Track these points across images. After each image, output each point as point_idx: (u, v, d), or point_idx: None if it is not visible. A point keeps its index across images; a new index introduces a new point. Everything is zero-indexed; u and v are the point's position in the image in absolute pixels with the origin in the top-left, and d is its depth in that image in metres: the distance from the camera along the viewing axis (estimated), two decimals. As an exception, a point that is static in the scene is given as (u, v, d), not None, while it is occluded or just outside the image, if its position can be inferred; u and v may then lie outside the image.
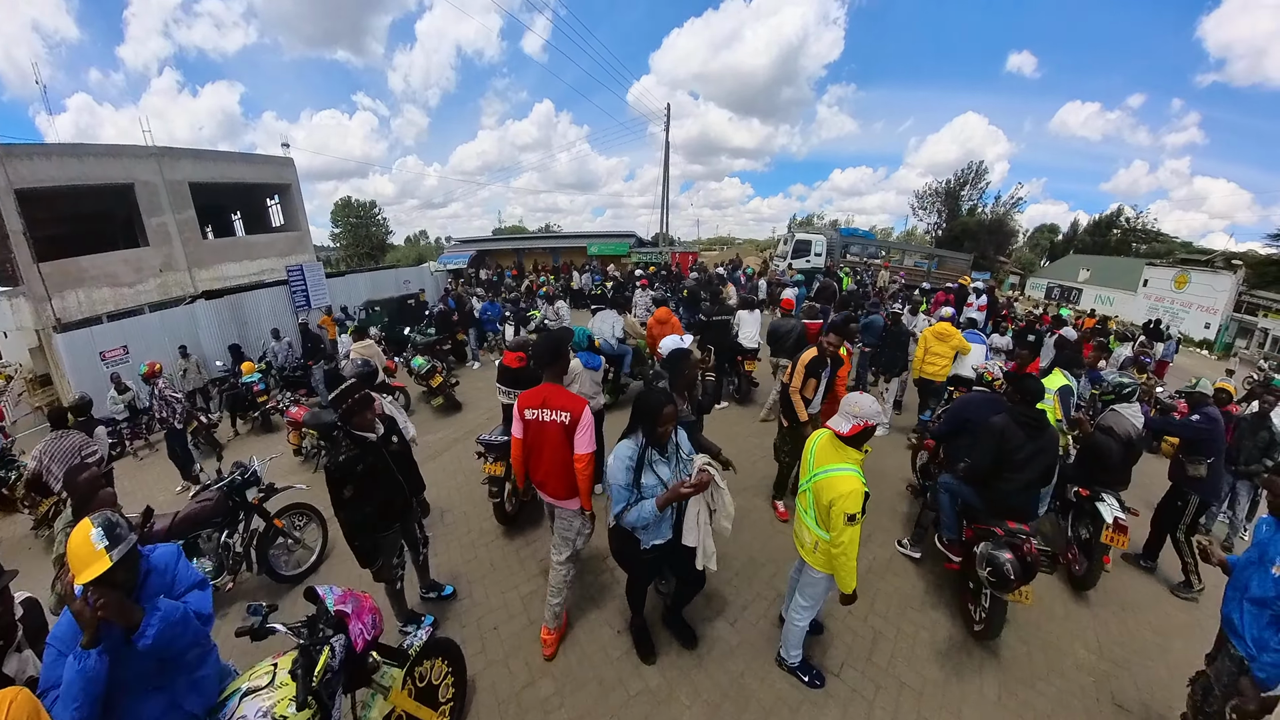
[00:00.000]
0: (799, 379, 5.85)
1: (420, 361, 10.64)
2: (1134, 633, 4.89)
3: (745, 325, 10.45)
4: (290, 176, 24.17)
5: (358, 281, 19.20)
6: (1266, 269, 32.41)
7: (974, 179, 49.37)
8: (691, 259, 27.94)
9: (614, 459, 3.59)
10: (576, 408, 3.99)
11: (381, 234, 59.91)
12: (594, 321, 9.61)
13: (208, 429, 10.37)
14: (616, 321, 9.61)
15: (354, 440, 3.94)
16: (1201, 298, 28.90)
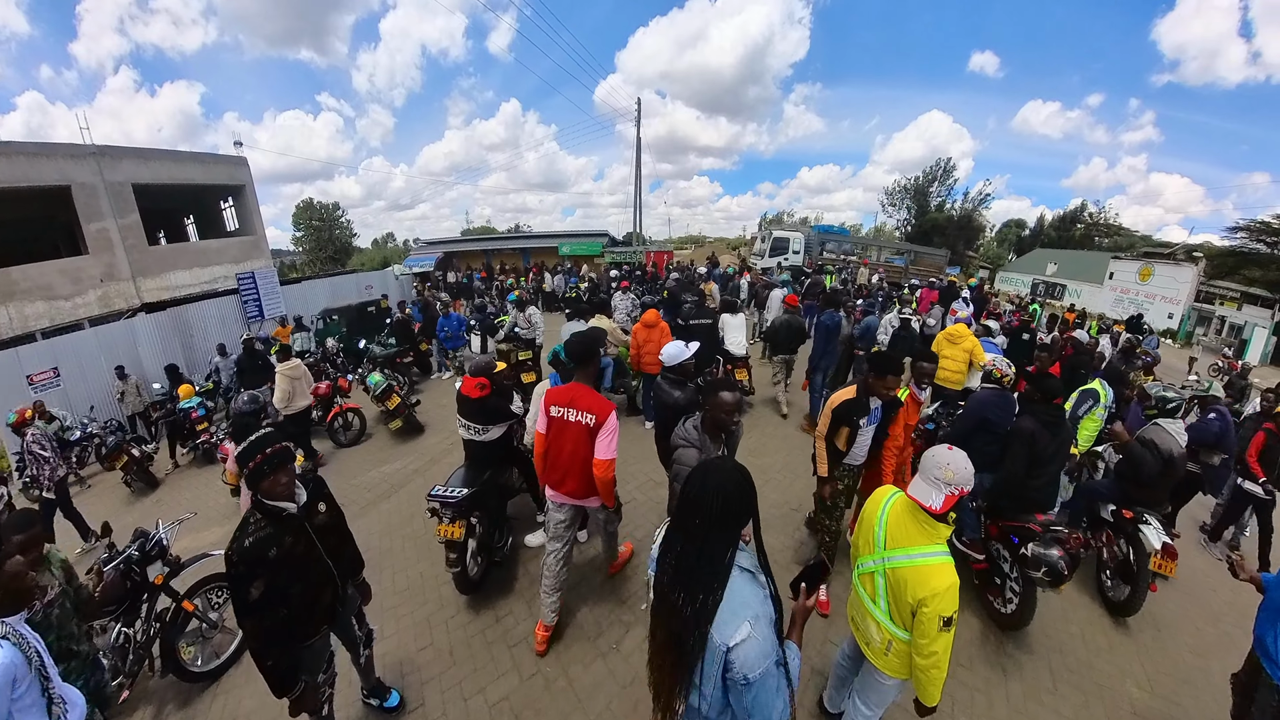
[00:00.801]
0: (824, 423, 4.69)
1: (377, 378, 9.52)
2: (1175, 658, 4.60)
3: (731, 330, 9.69)
4: (244, 177, 22.67)
5: (316, 288, 17.86)
6: (1224, 260, 33.36)
7: (942, 175, 49.80)
8: (667, 258, 26.99)
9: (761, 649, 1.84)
10: (603, 411, 3.89)
11: (346, 237, 57.79)
12: (565, 334, 8.60)
13: (140, 463, 9.14)
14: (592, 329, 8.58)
15: (266, 514, 2.91)
16: (1165, 289, 29.59)
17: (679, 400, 4.52)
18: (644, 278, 21.33)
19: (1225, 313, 28.22)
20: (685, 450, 3.56)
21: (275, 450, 2.87)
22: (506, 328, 11.07)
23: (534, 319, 10.91)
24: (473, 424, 5.16)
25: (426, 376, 13.39)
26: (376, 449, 8.98)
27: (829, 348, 8.86)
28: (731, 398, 3.52)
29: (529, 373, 9.82)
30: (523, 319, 10.94)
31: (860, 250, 30.00)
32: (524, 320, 10.92)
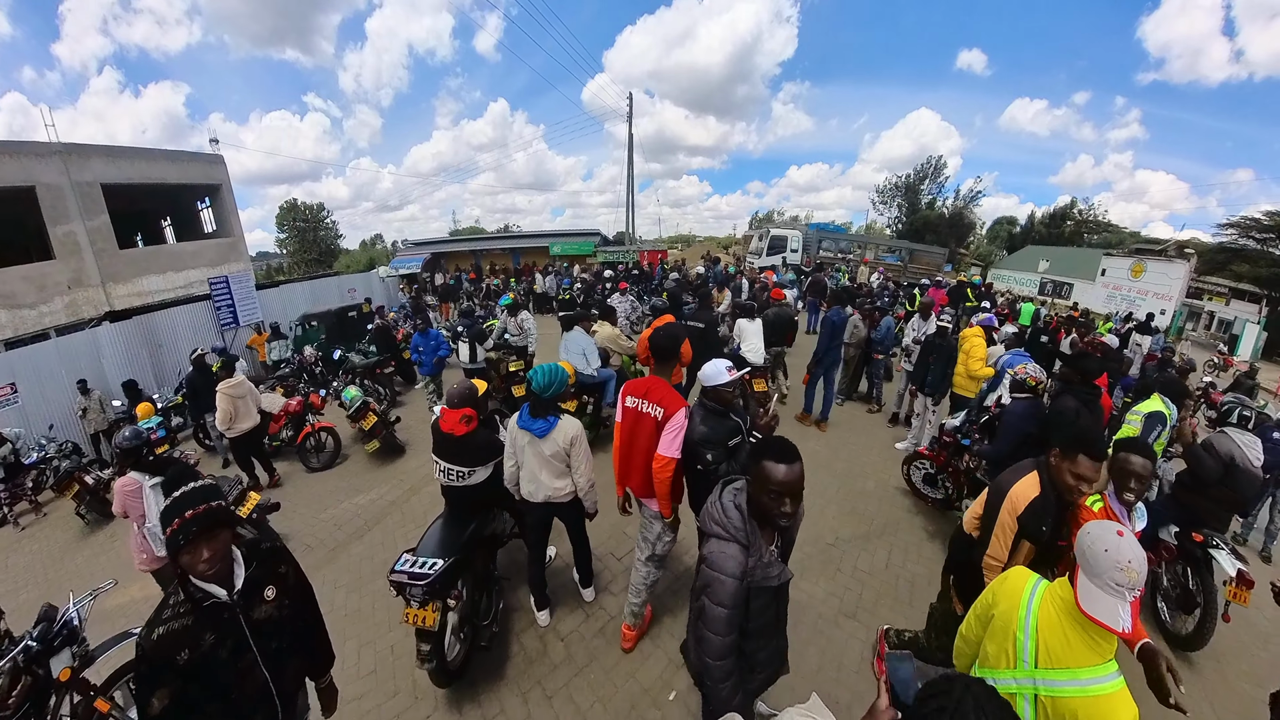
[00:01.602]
0: (1006, 539, 3.02)
1: (352, 393, 8.57)
2: (1238, 690, 4.13)
3: (748, 337, 8.61)
4: (220, 176, 21.44)
5: (295, 292, 16.80)
6: (1214, 256, 33.68)
7: (933, 173, 49.04)
8: (660, 257, 26.09)
9: None
10: (672, 406, 3.74)
11: (331, 238, 56.09)
12: (563, 349, 7.75)
13: (94, 491, 8.16)
14: (588, 345, 7.72)
15: (189, 597, 2.07)
16: (1157, 285, 28.99)
17: (712, 437, 3.54)
18: (641, 277, 20.41)
19: (1214, 308, 28.71)
20: (721, 547, 2.30)
21: (197, 514, 1.99)
22: (495, 333, 10.14)
23: (526, 324, 9.98)
24: (455, 467, 4.17)
25: (411, 385, 12.44)
26: (351, 474, 8.04)
27: (833, 344, 8.55)
28: (787, 474, 2.20)
29: (521, 384, 8.91)
30: (514, 324, 10.00)
31: (858, 248, 29.24)
32: (515, 326, 9.99)
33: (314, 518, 6.74)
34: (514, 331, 10.00)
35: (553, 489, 4.02)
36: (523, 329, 9.94)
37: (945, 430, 6.23)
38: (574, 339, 7.72)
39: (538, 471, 4.02)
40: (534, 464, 4.02)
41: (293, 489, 7.78)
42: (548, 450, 3.94)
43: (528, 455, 4.02)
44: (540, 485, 4.03)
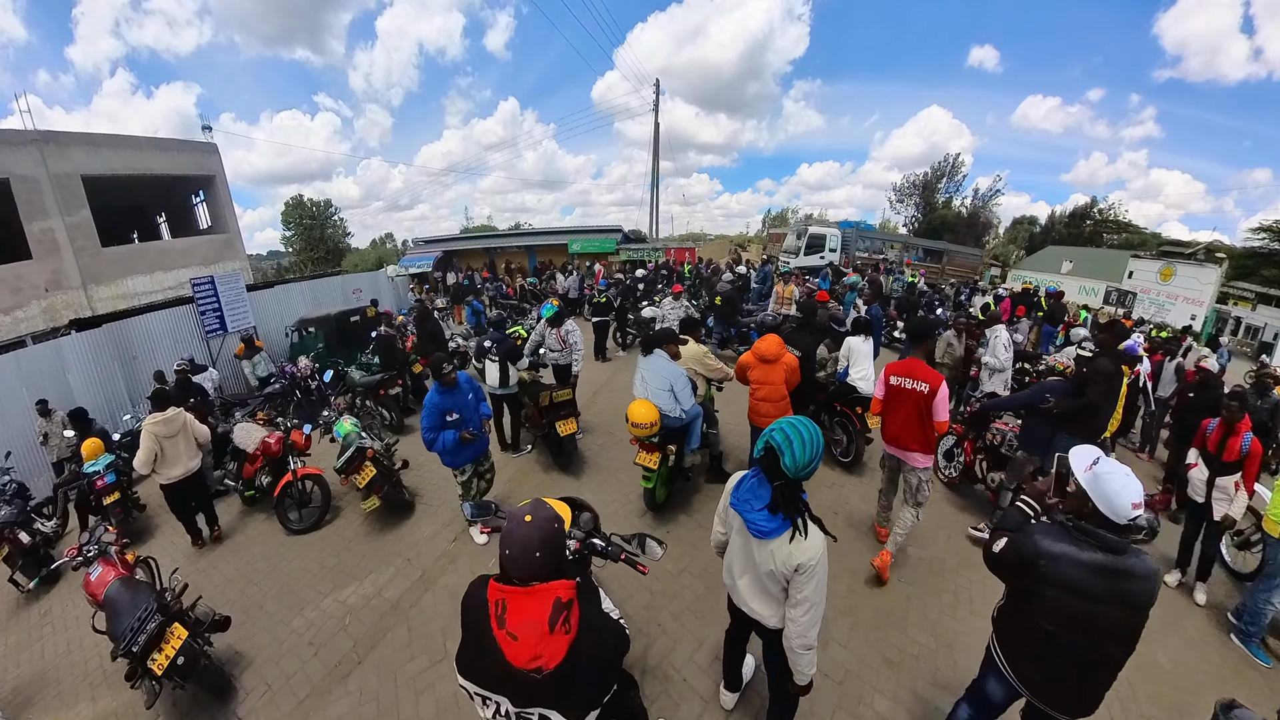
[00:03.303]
0: None
1: (346, 428, 6.46)
2: None
3: (859, 360, 6.86)
4: (214, 166, 19.32)
5: (291, 294, 14.59)
6: (1244, 261, 32.82)
7: (950, 171, 47.05)
8: (688, 255, 23.88)
9: None
10: (936, 381, 4.52)
11: (339, 235, 53.05)
12: (642, 383, 5.74)
13: (29, 552, 6.13)
14: (678, 378, 5.58)
15: None
16: (1187, 290, 27.78)
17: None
18: (669, 276, 18.25)
19: (1240, 313, 28.29)
20: None
21: None
22: (529, 347, 8.09)
23: (572, 337, 7.90)
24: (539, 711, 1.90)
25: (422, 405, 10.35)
26: (342, 543, 5.88)
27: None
28: None
29: (568, 420, 6.85)
30: (555, 336, 7.93)
31: (892, 248, 27.17)
32: (557, 338, 7.92)
33: (284, 624, 4.64)
34: (554, 345, 7.93)
35: (753, 608, 2.88)
36: (567, 342, 7.87)
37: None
38: (659, 369, 5.63)
39: (739, 572, 2.92)
40: (740, 558, 2.91)
41: (265, 563, 5.66)
42: (761, 560, 2.70)
43: (736, 541, 2.95)
44: (739, 588, 2.94)
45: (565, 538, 2.06)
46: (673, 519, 5.96)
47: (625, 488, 6.67)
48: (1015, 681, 2.67)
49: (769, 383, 5.53)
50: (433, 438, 5.06)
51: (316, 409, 9.64)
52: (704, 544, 5.23)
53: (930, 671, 3.95)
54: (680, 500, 6.17)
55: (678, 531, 5.71)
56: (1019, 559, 2.53)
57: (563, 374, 8.16)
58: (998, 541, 2.68)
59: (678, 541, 5.46)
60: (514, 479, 7.08)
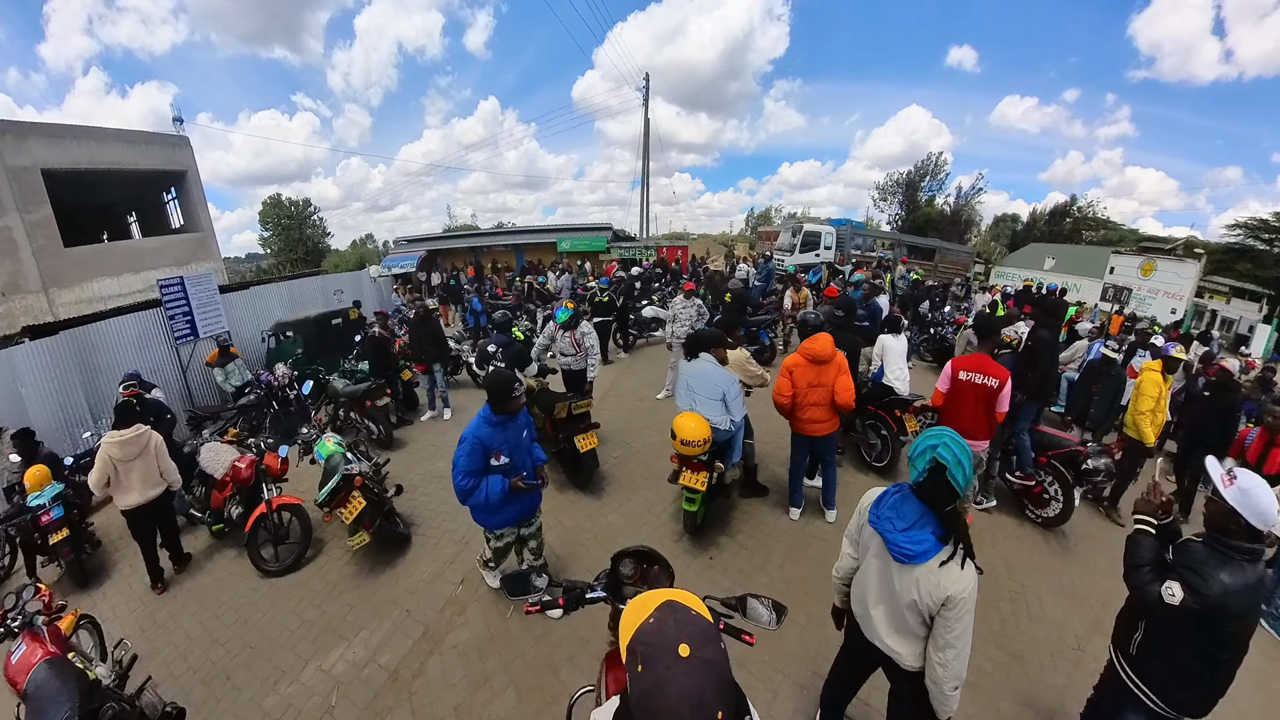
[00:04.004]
0: None
1: (329, 448, 5.54)
2: None
3: (893, 359, 6.66)
4: (186, 161, 18.03)
5: (268, 296, 13.51)
6: (1221, 256, 33.38)
7: (933, 170, 46.97)
8: (681, 253, 23.01)
9: None
10: (1004, 376, 4.79)
11: (318, 235, 51.11)
12: (687, 392, 5.05)
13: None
14: (730, 386, 4.94)
15: None
16: (1168, 284, 28.12)
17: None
18: (672, 276, 17.39)
19: (1216, 306, 28.70)
20: None
21: None
22: (536, 349, 7.25)
23: (587, 340, 7.11)
24: None
25: (414, 414, 9.39)
26: (325, 590, 4.93)
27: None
28: None
29: (588, 434, 6.02)
30: (570, 340, 7.12)
31: (883, 245, 26.68)
32: (572, 342, 7.10)
33: (254, 705, 3.70)
34: (568, 350, 7.13)
35: (889, 644, 2.50)
36: (582, 346, 7.07)
37: None
38: (708, 376, 4.96)
39: (874, 601, 2.53)
40: (876, 586, 2.51)
41: (234, 614, 4.72)
42: (902, 590, 2.36)
43: (872, 566, 2.54)
44: (873, 619, 2.54)
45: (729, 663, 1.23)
46: (713, 542, 5.26)
47: (654, 507, 5.93)
48: (1165, 709, 2.59)
49: (822, 385, 4.95)
50: (471, 486, 3.68)
51: (295, 422, 8.67)
52: (754, 570, 4.85)
53: (1009, 689, 3.72)
54: (716, 520, 5.42)
55: (721, 557, 5.09)
56: (1207, 606, 2.35)
57: (575, 381, 7.35)
58: (1168, 593, 2.45)
59: (724, 569, 4.86)
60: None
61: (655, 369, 11.19)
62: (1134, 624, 2.72)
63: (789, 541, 5.29)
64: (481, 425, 3.74)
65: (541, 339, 7.48)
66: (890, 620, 2.48)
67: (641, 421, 8.52)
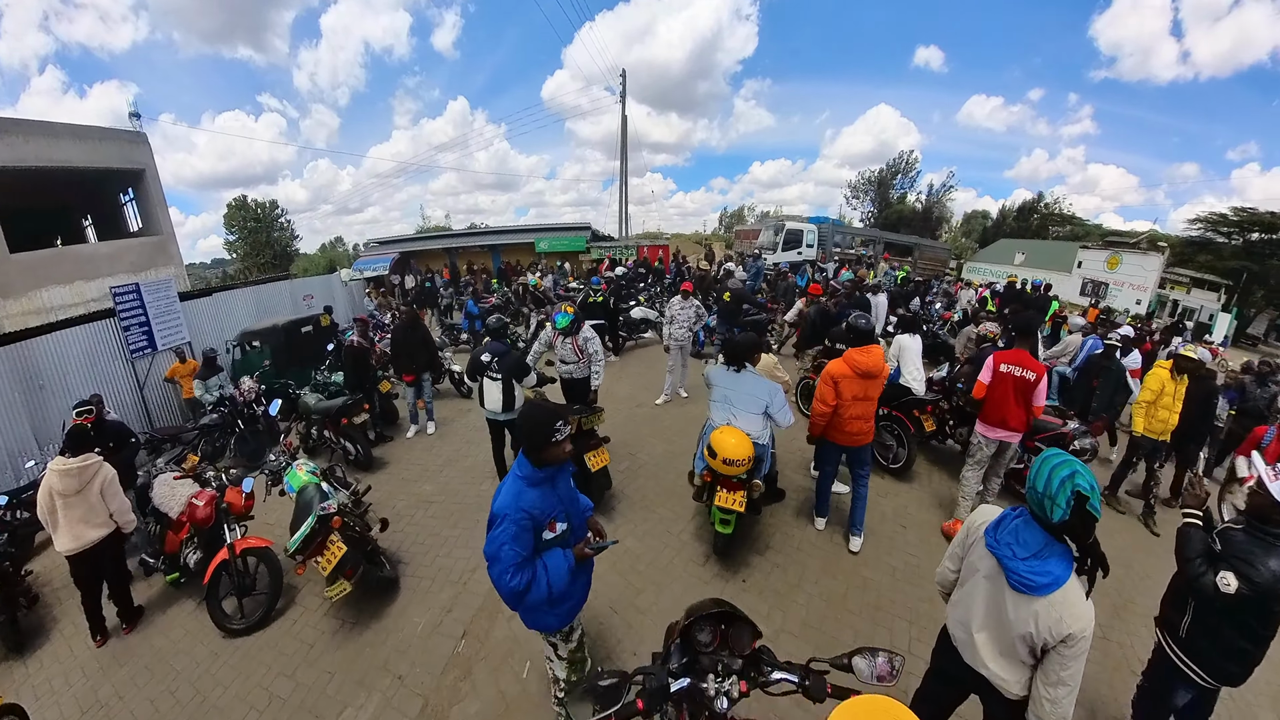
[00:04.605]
0: None
1: (301, 479, 4.77)
2: None
3: (910, 359, 6.61)
4: (143, 159, 16.71)
5: (233, 303, 12.52)
6: (1183, 249, 34.64)
7: (904, 168, 47.36)
8: (662, 252, 22.35)
9: None
10: (1041, 370, 4.87)
11: (286, 239, 48.89)
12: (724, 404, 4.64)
13: None
14: (775, 396, 4.60)
15: None
16: (1133, 277, 29.19)
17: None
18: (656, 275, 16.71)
19: (1177, 296, 29.40)
20: None
21: None
22: (532, 355, 6.55)
23: (591, 347, 6.41)
24: None
25: (394, 429, 8.57)
26: (298, 652, 4.13)
27: None
28: None
29: (599, 451, 5.38)
30: (572, 347, 6.45)
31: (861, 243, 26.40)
32: (574, 348, 6.44)
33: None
34: (569, 357, 6.48)
35: (992, 670, 2.33)
36: (585, 352, 6.38)
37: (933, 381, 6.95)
38: (750, 386, 4.64)
39: (979, 625, 2.36)
40: (983, 611, 2.35)
41: (189, 690, 3.88)
42: (1017, 620, 2.20)
43: (982, 589, 2.36)
44: (975, 643, 2.38)
45: None
46: (743, 562, 4.81)
47: (672, 525, 5.41)
48: (1211, 682, 2.77)
49: (868, 399, 4.69)
50: (527, 581, 2.51)
51: (264, 441, 7.81)
52: (790, 590, 4.49)
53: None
54: (740, 535, 4.83)
55: (754, 578, 4.65)
56: (1259, 591, 2.53)
57: (575, 391, 6.68)
58: (1223, 583, 2.60)
59: (759, 591, 4.48)
60: None
61: (650, 372, 10.54)
62: (1182, 609, 2.85)
63: (820, 555, 4.96)
64: (523, 491, 2.58)
65: (536, 345, 6.77)
66: (996, 646, 2.35)
67: (644, 430, 7.88)
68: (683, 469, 6.46)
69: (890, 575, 4.72)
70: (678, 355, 8.96)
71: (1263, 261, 32.75)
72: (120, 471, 4.97)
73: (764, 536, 5.18)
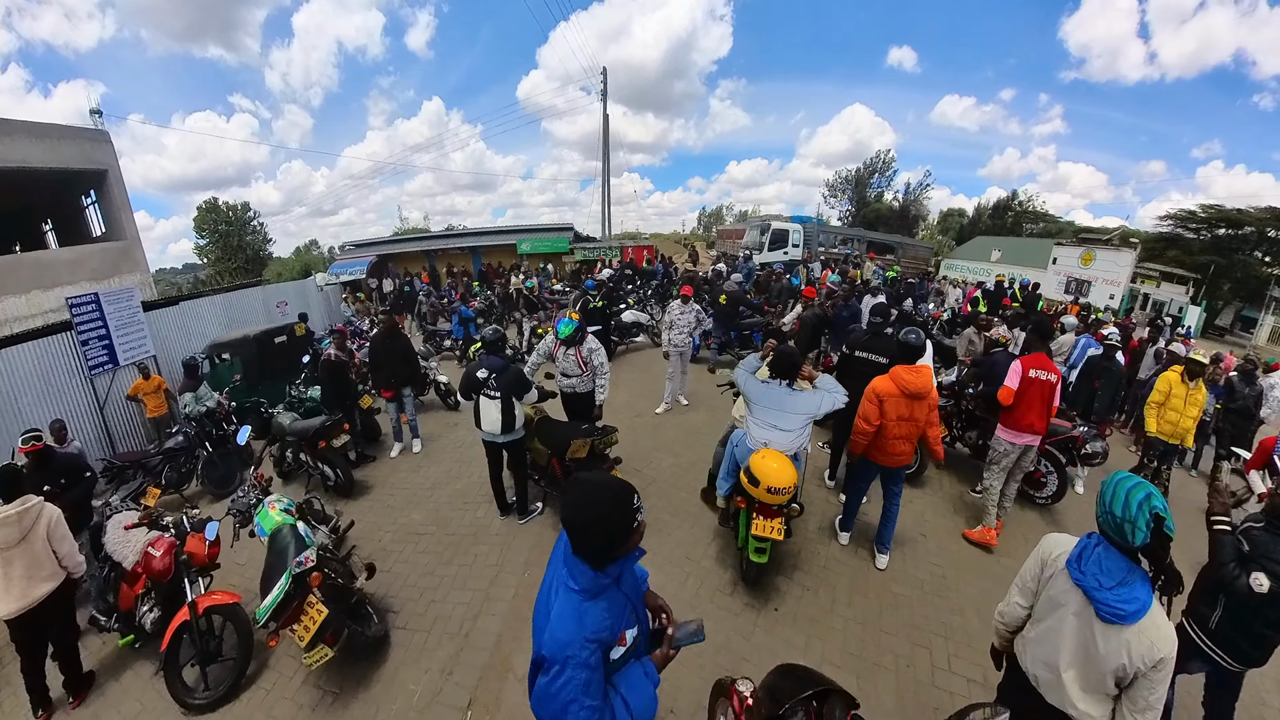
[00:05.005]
0: None
1: (274, 520, 4.12)
2: None
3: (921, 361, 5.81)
4: (106, 159, 15.64)
5: (201, 312, 11.72)
6: (1153, 245, 35.85)
7: (881, 167, 47.65)
8: (647, 253, 21.79)
9: None
10: (1058, 373, 5.02)
11: (259, 242, 46.85)
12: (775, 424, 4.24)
13: None
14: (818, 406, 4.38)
15: None
16: (1106, 272, 29.51)
17: None
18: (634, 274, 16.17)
19: (1148, 290, 30.11)
20: None
21: None
22: (529, 367, 5.96)
23: (595, 358, 5.86)
24: None
25: (376, 447, 7.92)
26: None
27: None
28: None
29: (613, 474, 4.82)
30: (576, 358, 5.87)
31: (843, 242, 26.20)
32: (578, 360, 5.86)
33: None
34: (572, 369, 5.91)
35: (1081, 709, 2.20)
36: (589, 364, 5.84)
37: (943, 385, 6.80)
38: (796, 402, 4.37)
39: (1067, 664, 2.24)
40: (1071, 647, 2.23)
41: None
42: (1109, 652, 2.11)
43: (1069, 625, 2.23)
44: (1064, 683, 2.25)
45: None
46: (772, 587, 4.53)
47: (692, 551, 5.01)
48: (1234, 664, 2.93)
49: (913, 420, 4.39)
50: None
51: (234, 465, 7.13)
52: (824, 615, 4.28)
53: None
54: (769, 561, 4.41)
55: (785, 604, 4.39)
56: None
57: (578, 405, 6.14)
58: (1257, 584, 2.71)
59: (793, 620, 4.24)
60: (534, 556, 5.04)
61: (645, 378, 10.04)
62: (1213, 604, 2.95)
63: (848, 573, 4.79)
64: (584, 611, 1.78)
65: (534, 356, 6.18)
66: (1084, 682, 2.24)
67: (646, 442, 7.37)
68: (693, 484, 6.10)
69: (919, 589, 4.61)
70: (677, 362, 8.54)
71: (1229, 256, 33.86)
72: (72, 512, 4.33)
73: (787, 556, 4.88)
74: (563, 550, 1.84)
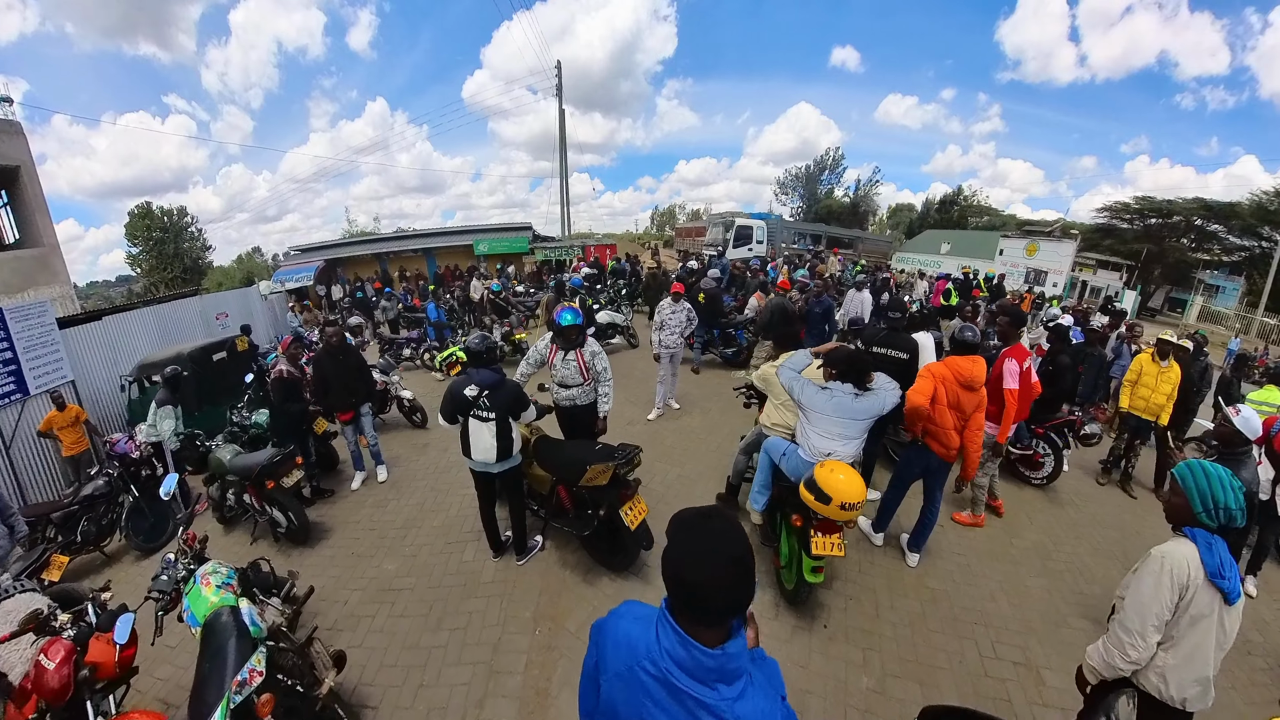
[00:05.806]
0: None
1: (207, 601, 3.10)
2: None
3: (925, 356, 5.90)
4: (18, 154, 13.74)
5: (130, 326, 10.30)
6: (1091, 235, 37.73)
7: (831, 165, 48.72)
8: (610, 252, 20.89)
9: None
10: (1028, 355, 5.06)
11: (197, 250, 43.70)
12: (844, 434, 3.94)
13: None
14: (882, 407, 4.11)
15: None
16: (1049, 262, 30.87)
17: None
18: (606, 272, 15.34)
19: (1085, 277, 31.70)
20: None
21: None
22: (520, 375, 5.06)
23: (599, 363, 5.05)
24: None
25: (334, 478, 6.87)
26: None
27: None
28: None
29: (637, 500, 4.27)
30: (574, 366, 5.03)
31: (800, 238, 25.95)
32: (577, 368, 5.02)
33: None
34: (572, 379, 5.06)
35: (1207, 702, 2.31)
36: (592, 370, 5.02)
37: None
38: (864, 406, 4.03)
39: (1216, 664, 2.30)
40: (1217, 642, 2.27)
41: None
42: (1232, 631, 2.33)
43: (1210, 629, 2.24)
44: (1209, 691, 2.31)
45: None
46: (816, 603, 4.21)
47: None
48: None
49: (961, 411, 4.29)
50: None
51: (167, 512, 6.00)
52: (872, 623, 4.09)
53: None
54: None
55: (834, 619, 4.11)
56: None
57: (581, 423, 5.29)
58: None
59: (846, 635, 3.97)
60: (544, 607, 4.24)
61: (629, 383, 9.34)
62: None
63: (882, 574, 4.65)
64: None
65: (523, 366, 5.26)
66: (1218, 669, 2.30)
67: (646, 452, 6.38)
68: (700, 495, 5.62)
69: (951, 581, 4.58)
70: (668, 364, 7.99)
71: (1160, 243, 35.87)
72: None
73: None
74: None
